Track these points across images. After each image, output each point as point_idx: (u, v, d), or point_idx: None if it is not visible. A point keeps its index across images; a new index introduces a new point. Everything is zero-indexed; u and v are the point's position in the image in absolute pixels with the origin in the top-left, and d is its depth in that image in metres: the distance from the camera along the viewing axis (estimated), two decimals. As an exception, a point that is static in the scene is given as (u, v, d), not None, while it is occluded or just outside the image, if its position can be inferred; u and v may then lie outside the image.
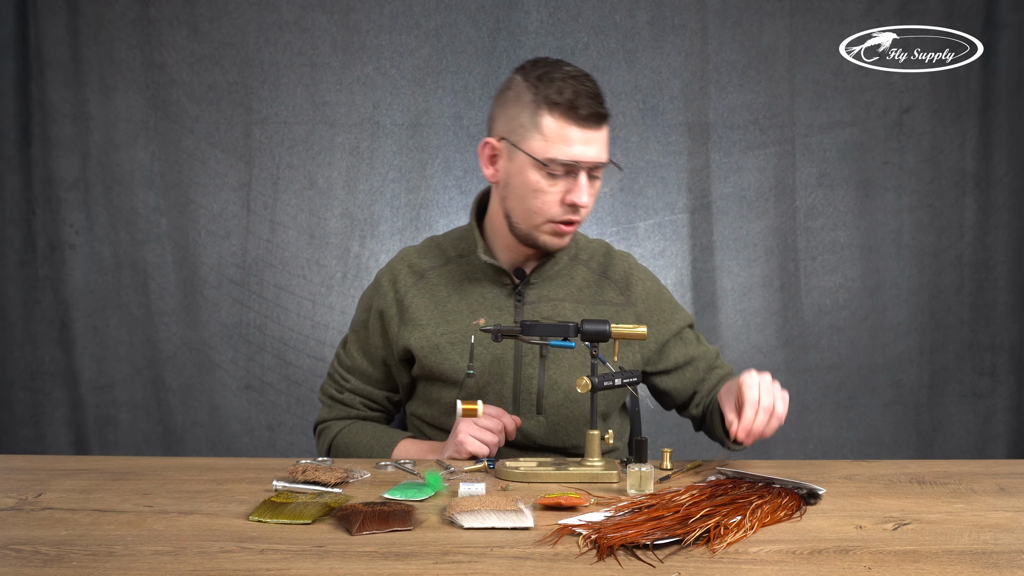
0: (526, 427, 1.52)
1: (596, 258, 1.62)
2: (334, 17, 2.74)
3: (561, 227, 1.45)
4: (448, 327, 1.52)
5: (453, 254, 1.60)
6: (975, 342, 2.77)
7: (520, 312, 1.52)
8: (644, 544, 0.99)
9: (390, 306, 1.57)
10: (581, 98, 1.38)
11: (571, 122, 1.39)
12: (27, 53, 2.68)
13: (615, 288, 1.59)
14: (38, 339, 2.73)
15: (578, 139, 1.39)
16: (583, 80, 1.40)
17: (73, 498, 1.20)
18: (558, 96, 1.38)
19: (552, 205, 1.43)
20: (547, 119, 1.40)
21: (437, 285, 1.57)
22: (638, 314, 1.57)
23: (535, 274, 1.54)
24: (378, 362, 1.60)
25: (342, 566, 0.94)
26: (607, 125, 1.43)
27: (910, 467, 1.44)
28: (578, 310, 1.54)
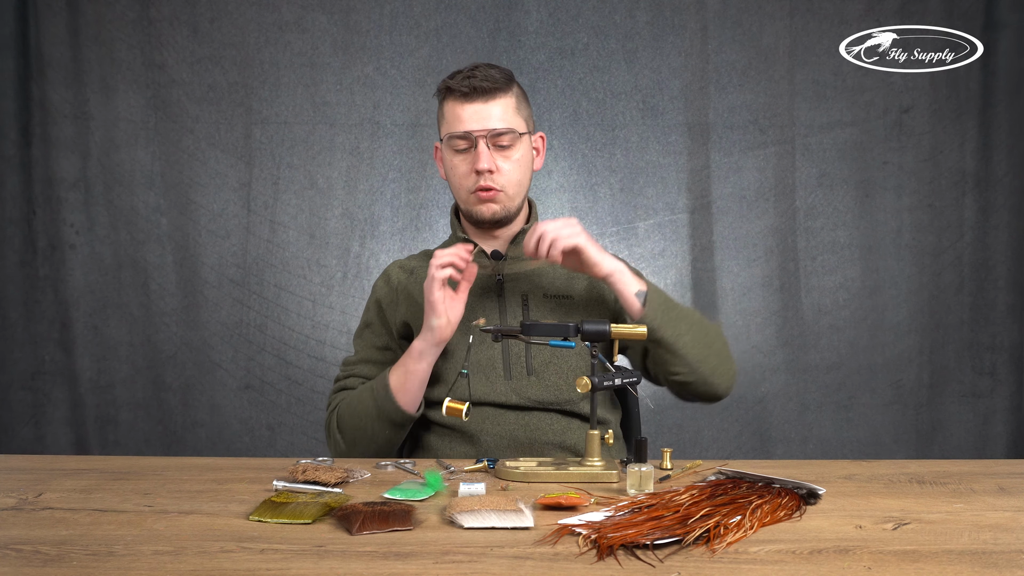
0: (522, 387, 1.57)
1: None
2: (334, 17, 2.74)
3: (480, 194, 1.60)
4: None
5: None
6: (975, 342, 2.77)
7: (502, 287, 1.63)
8: (644, 544, 0.99)
9: (385, 296, 1.69)
10: (465, 79, 1.58)
11: (458, 101, 1.59)
12: (27, 53, 2.68)
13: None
14: (38, 339, 2.73)
15: (467, 114, 1.58)
16: (478, 68, 1.60)
17: (73, 498, 1.20)
18: (449, 83, 1.60)
19: (466, 177, 1.60)
20: (446, 105, 1.62)
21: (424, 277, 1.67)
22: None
23: (511, 250, 1.67)
24: (383, 348, 1.69)
25: (342, 566, 0.94)
26: (499, 99, 1.58)
27: (910, 467, 1.44)
28: (555, 284, 1.65)
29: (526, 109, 1.65)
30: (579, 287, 1.65)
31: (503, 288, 1.64)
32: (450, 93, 1.60)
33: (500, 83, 1.59)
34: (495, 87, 1.58)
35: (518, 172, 1.61)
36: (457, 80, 1.59)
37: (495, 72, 1.60)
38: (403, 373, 1.55)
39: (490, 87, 1.57)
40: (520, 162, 1.61)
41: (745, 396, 2.76)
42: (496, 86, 1.58)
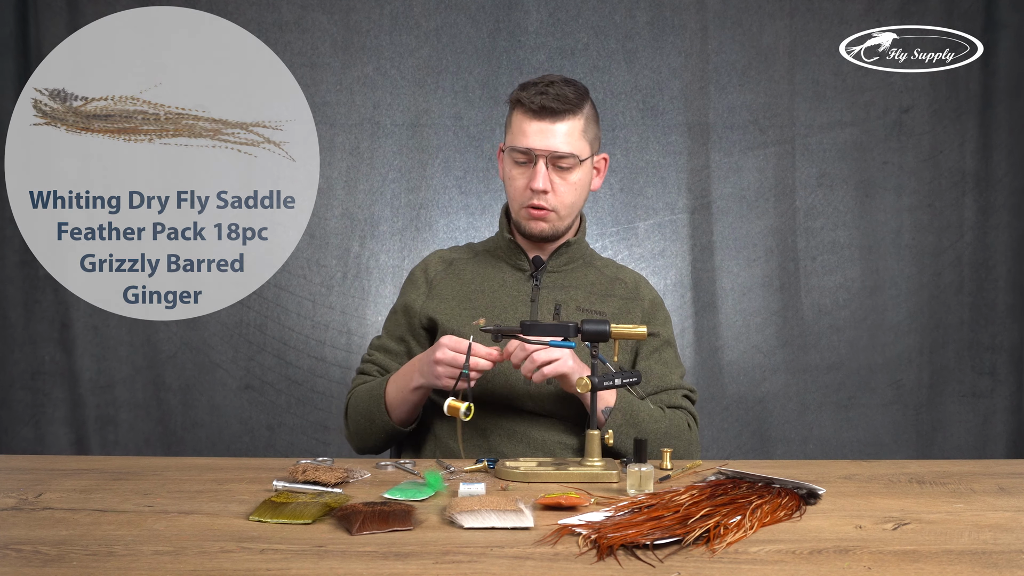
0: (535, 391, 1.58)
1: (609, 267, 1.76)
2: (334, 17, 2.74)
3: (531, 211, 1.61)
4: (470, 303, 1.65)
5: (481, 249, 1.76)
6: (975, 342, 2.77)
7: (536, 293, 1.64)
8: (644, 544, 0.99)
9: (419, 287, 1.72)
10: (536, 96, 1.57)
11: (526, 115, 1.59)
12: (27, 53, 2.68)
13: (624, 287, 1.71)
14: (38, 339, 2.73)
15: (532, 130, 1.58)
16: (553, 84, 1.59)
17: (73, 498, 1.20)
18: (521, 95, 1.59)
19: (520, 191, 1.61)
20: (514, 115, 1.62)
21: (464, 269, 1.71)
22: (644, 310, 1.68)
23: (552, 262, 1.68)
24: (399, 339, 1.71)
25: (342, 566, 0.94)
26: (567, 120, 1.58)
27: (910, 467, 1.44)
28: (590, 299, 1.66)
29: (593, 130, 1.65)
30: (612, 305, 1.66)
31: (538, 294, 1.65)
32: (519, 105, 1.59)
33: (571, 104, 1.58)
34: (565, 108, 1.57)
35: (573, 194, 1.62)
36: (529, 93, 1.58)
37: (569, 91, 1.58)
38: (400, 396, 1.58)
39: (559, 108, 1.57)
40: (577, 184, 1.61)
41: (745, 396, 2.76)
42: (566, 107, 1.57)
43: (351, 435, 1.68)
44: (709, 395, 2.75)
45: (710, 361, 2.76)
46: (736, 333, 2.76)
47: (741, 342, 2.76)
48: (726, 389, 2.76)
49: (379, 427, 1.61)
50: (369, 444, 1.66)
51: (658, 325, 1.69)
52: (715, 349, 2.76)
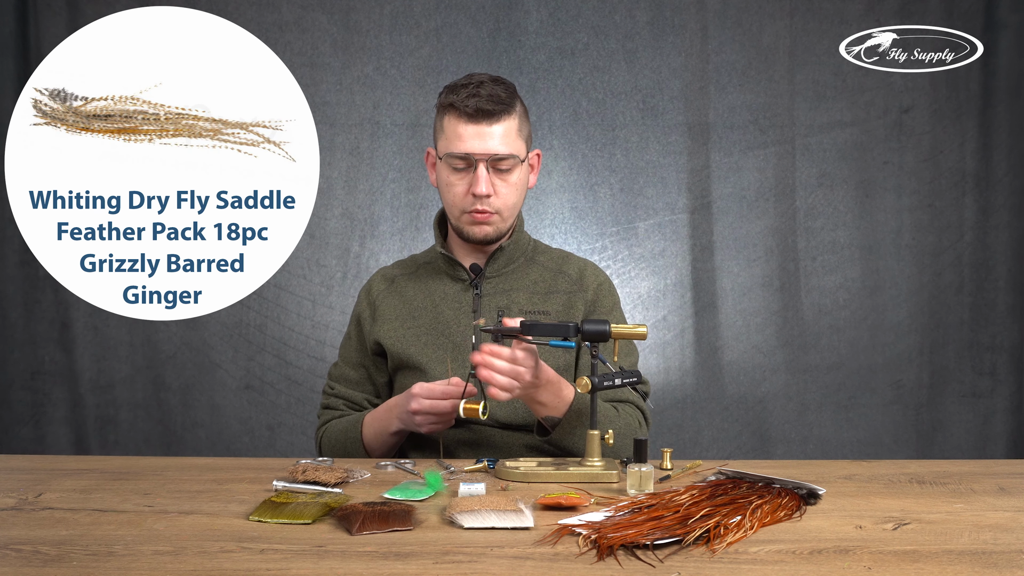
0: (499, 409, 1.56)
1: (553, 260, 1.72)
2: (334, 17, 2.74)
3: (475, 216, 1.58)
4: (414, 321, 1.64)
5: (423, 261, 1.74)
6: (975, 342, 2.77)
7: (478, 303, 1.63)
8: (644, 544, 0.99)
9: (364, 310, 1.70)
10: (470, 98, 1.53)
11: (461, 119, 1.55)
12: (27, 53, 2.68)
13: (567, 280, 1.68)
14: (38, 339, 2.73)
15: (469, 134, 1.54)
16: (483, 85, 1.55)
17: (73, 498, 1.20)
18: (452, 99, 1.55)
19: (460, 197, 1.58)
20: (446, 120, 1.58)
21: (405, 287, 1.70)
22: (587, 299, 1.65)
23: (489, 268, 1.65)
24: (357, 365, 1.71)
25: (342, 566, 0.94)
26: (503, 121, 1.55)
27: (910, 467, 1.44)
28: (532, 299, 1.64)
29: (526, 127, 1.63)
30: (556, 302, 1.64)
31: (480, 302, 1.64)
32: (452, 108, 1.56)
33: (504, 103, 1.55)
34: (499, 109, 1.55)
35: (514, 195, 1.60)
36: (461, 96, 1.55)
37: (500, 91, 1.56)
38: (376, 437, 1.58)
39: (494, 109, 1.54)
40: (517, 185, 1.60)
41: (745, 396, 2.76)
42: (500, 107, 1.55)
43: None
44: (709, 395, 2.75)
45: (710, 361, 2.76)
46: (736, 333, 2.76)
47: (741, 342, 2.76)
48: (726, 389, 2.76)
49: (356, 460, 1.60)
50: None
51: (603, 312, 1.65)
52: (715, 349, 2.76)
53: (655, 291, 2.77)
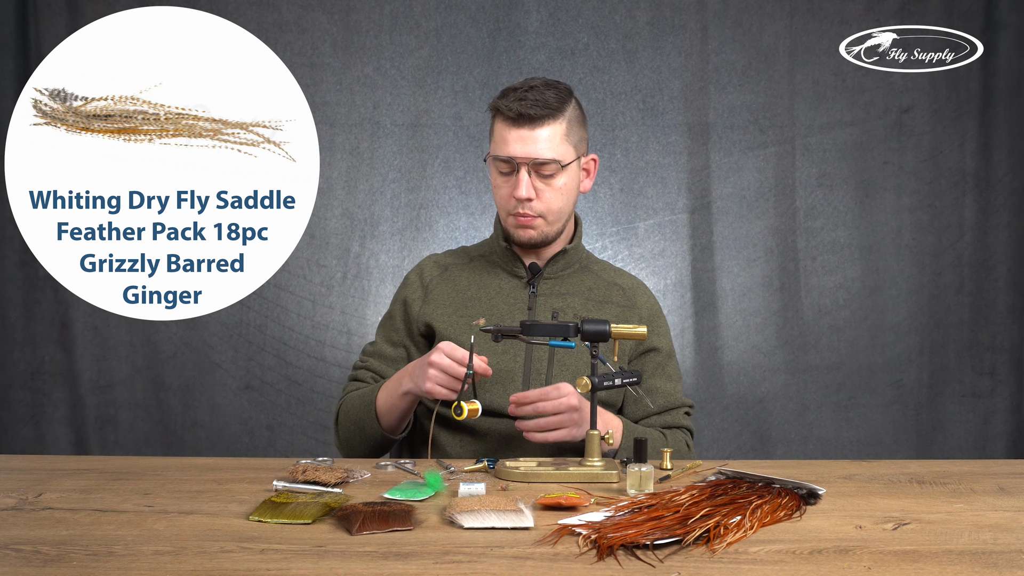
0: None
1: (607, 272, 1.74)
2: (334, 17, 2.74)
3: (518, 219, 1.59)
4: (467, 311, 1.63)
5: (476, 254, 1.74)
6: (975, 342, 2.77)
7: (534, 301, 1.63)
8: (644, 544, 0.99)
9: (415, 290, 1.69)
10: (515, 103, 1.54)
11: (505, 123, 1.56)
12: (27, 53, 2.68)
13: (622, 293, 1.69)
14: (38, 339, 2.73)
15: (512, 138, 1.55)
16: (533, 89, 1.55)
17: (73, 498, 1.20)
18: (501, 102, 1.57)
19: (505, 199, 1.60)
20: (495, 124, 1.59)
21: (459, 277, 1.70)
22: (642, 318, 1.66)
23: (548, 269, 1.66)
24: (398, 344, 1.70)
25: (342, 566, 0.94)
26: (548, 125, 1.55)
27: (910, 467, 1.44)
28: (587, 306, 1.64)
29: (578, 132, 1.61)
30: (610, 312, 1.64)
31: (535, 301, 1.63)
32: (499, 113, 1.57)
33: (551, 108, 1.54)
34: (544, 114, 1.54)
35: (559, 200, 1.59)
36: (508, 100, 1.55)
37: (550, 95, 1.55)
38: (389, 403, 1.56)
39: (538, 114, 1.53)
40: (563, 189, 1.58)
41: (745, 396, 2.76)
42: (545, 112, 1.54)
43: (341, 442, 1.66)
44: (709, 395, 2.75)
45: (710, 361, 2.76)
46: (736, 333, 2.76)
47: (741, 342, 2.76)
48: (726, 389, 2.76)
49: (369, 434, 1.59)
50: (359, 452, 1.63)
51: (659, 337, 1.67)
52: (715, 349, 2.76)
53: (655, 291, 2.76)
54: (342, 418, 1.65)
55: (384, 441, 1.60)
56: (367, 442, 1.60)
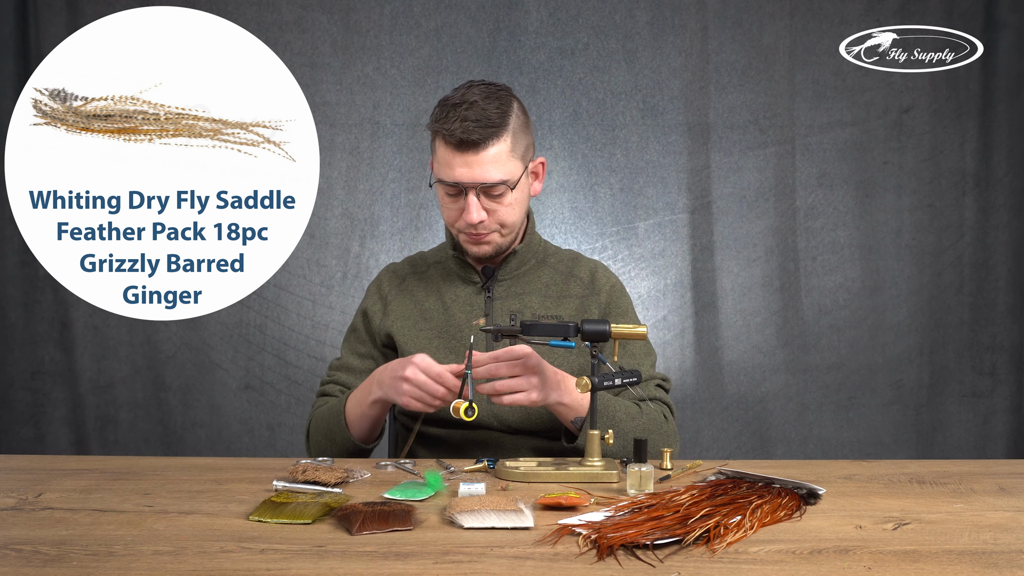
0: (501, 412, 1.56)
1: (564, 262, 1.71)
2: (334, 17, 2.74)
3: (471, 237, 1.57)
4: (426, 323, 1.63)
5: (432, 261, 1.73)
6: (975, 342, 2.77)
7: (490, 307, 1.62)
8: (644, 544, 0.99)
9: (375, 303, 1.69)
10: (457, 124, 1.47)
11: (449, 147, 1.50)
12: (27, 53, 2.68)
13: (579, 283, 1.67)
14: (38, 339, 2.73)
15: (457, 162, 1.50)
16: (471, 107, 1.48)
17: (73, 498, 1.20)
18: (441, 124, 1.49)
19: (455, 219, 1.56)
20: (437, 144, 1.53)
21: (415, 287, 1.69)
22: (601, 303, 1.65)
23: (502, 271, 1.64)
24: (364, 356, 1.68)
25: (342, 566, 0.94)
26: (492, 146, 1.49)
27: (910, 467, 1.44)
28: (545, 304, 1.63)
29: (524, 141, 1.55)
30: (569, 306, 1.63)
31: (492, 306, 1.63)
32: (442, 136, 1.50)
33: (494, 126, 1.48)
34: (487, 135, 1.47)
35: (512, 213, 1.56)
36: (449, 123, 1.47)
37: (492, 110, 1.48)
38: (359, 411, 1.54)
39: (481, 136, 1.47)
40: (514, 204, 1.55)
41: (745, 396, 2.76)
42: (488, 132, 1.47)
43: (312, 451, 1.64)
44: (709, 395, 2.75)
45: (710, 361, 2.76)
46: (736, 333, 2.76)
47: (741, 342, 2.76)
48: (726, 389, 2.76)
49: (340, 445, 1.57)
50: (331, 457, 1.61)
51: (620, 315, 1.64)
52: (715, 349, 2.76)
53: (655, 291, 2.77)
54: (313, 432, 1.63)
55: (357, 451, 1.58)
56: (338, 452, 1.57)
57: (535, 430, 1.57)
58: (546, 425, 1.57)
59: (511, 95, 1.55)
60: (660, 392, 1.61)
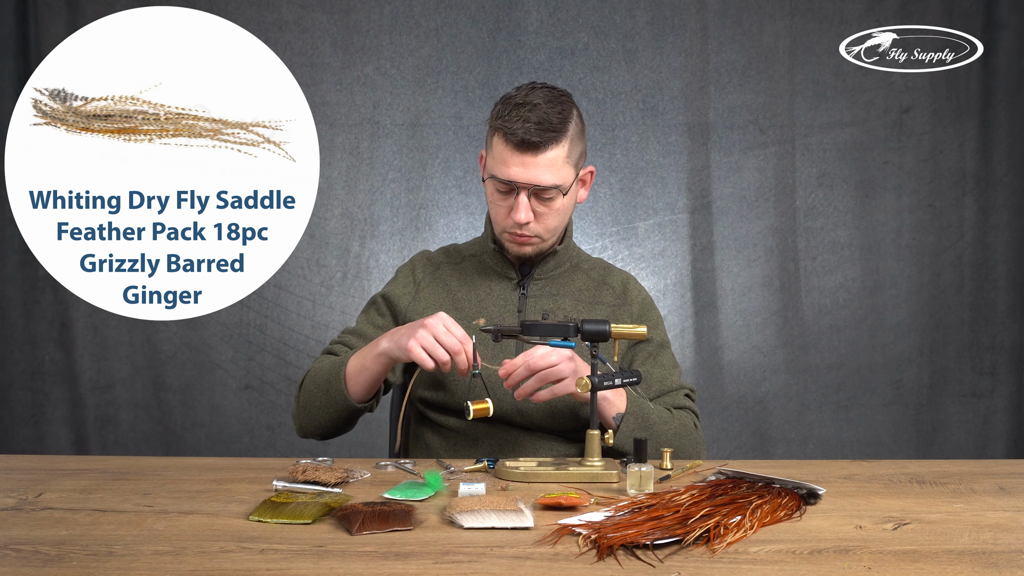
0: (526, 409, 1.55)
1: (596, 269, 1.72)
2: (334, 17, 2.74)
3: (515, 237, 1.57)
4: (457, 313, 1.60)
5: (467, 254, 1.72)
6: (975, 342, 2.77)
7: (524, 303, 1.62)
8: (644, 544, 0.99)
9: (407, 285, 1.67)
10: (519, 124, 1.48)
11: (508, 146, 1.51)
12: (27, 53, 2.68)
13: (612, 292, 1.68)
14: (38, 339, 2.73)
15: (514, 162, 1.51)
16: (535, 108, 1.50)
17: (73, 498, 1.20)
18: (503, 122, 1.51)
19: (503, 217, 1.57)
20: (495, 140, 1.54)
21: (449, 277, 1.68)
22: (633, 314, 1.66)
23: (539, 270, 1.65)
24: (380, 328, 1.65)
25: (342, 566, 0.94)
26: (550, 150, 1.50)
27: (910, 467, 1.44)
28: (577, 307, 1.63)
29: (579, 148, 1.56)
30: (600, 312, 1.63)
31: (525, 303, 1.63)
32: (503, 133, 1.51)
33: (554, 131, 1.49)
34: (547, 139, 1.49)
35: (557, 219, 1.57)
36: (511, 121, 1.49)
37: (553, 115, 1.49)
38: (360, 363, 1.51)
39: (542, 140, 1.48)
40: (561, 209, 1.56)
41: (745, 396, 2.76)
42: (549, 137, 1.49)
43: (299, 410, 1.59)
44: (709, 395, 2.75)
45: (710, 361, 2.76)
46: (736, 333, 2.76)
47: (741, 342, 2.76)
48: (726, 389, 2.76)
49: (332, 398, 1.52)
50: (314, 421, 1.56)
51: (651, 328, 1.64)
52: (715, 349, 2.76)
53: (655, 291, 2.77)
54: (307, 383, 1.58)
55: (346, 411, 1.53)
56: (328, 408, 1.53)
57: (558, 429, 1.57)
58: (569, 424, 1.56)
59: (571, 101, 1.57)
60: (688, 401, 1.63)
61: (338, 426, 1.58)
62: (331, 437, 1.61)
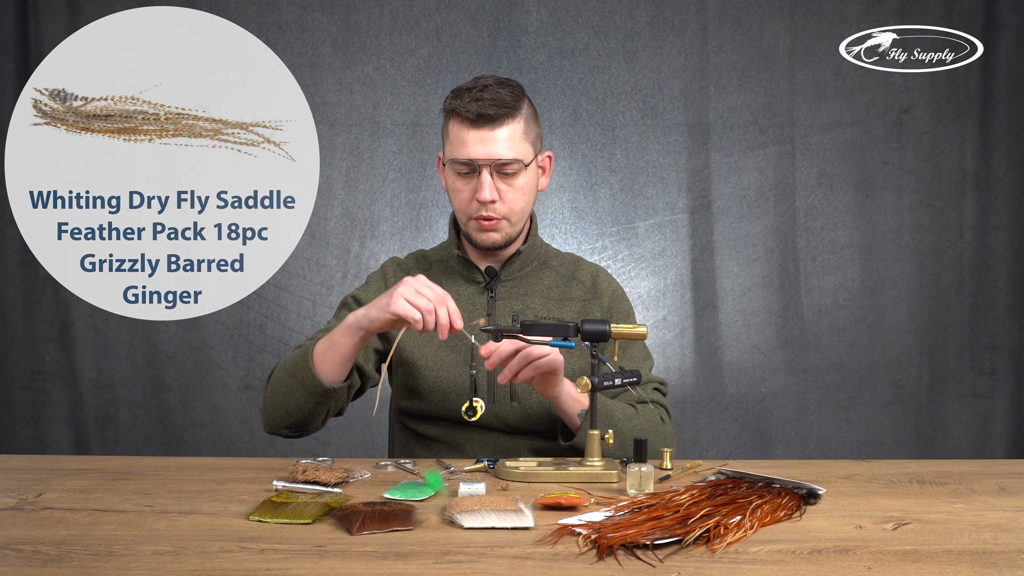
0: (502, 412, 1.57)
1: (565, 265, 1.72)
2: (334, 17, 2.74)
3: (481, 223, 1.57)
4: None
5: (434, 259, 1.72)
6: (975, 342, 2.77)
7: (492, 307, 1.62)
8: (644, 544, 0.99)
9: (379, 290, 1.63)
10: (472, 103, 1.51)
11: (463, 125, 1.53)
12: (27, 53, 2.68)
13: (581, 287, 1.68)
14: (38, 339, 2.73)
15: (472, 139, 1.52)
16: (487, 88, 1.52)
17: (73, 498, 1.20)
18: (457, 103, 1.53)
19: (466, 203, 1.57)
20: (450, 125, 1.56)
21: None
22: (603, 307, 1.66)
23: (505, 272, 1.64)
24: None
25: (342, 566, 0.94)
26: (507, 125, 1.53)
27: (910, 467, 1.44)
28: (547, 305, 1.63)
29: (535, 129, 1.59)
30: (571, 309, 1.64)
31: (494, 306, 1.63)
32: (455, 114, 1.53)
33: (508, 107, 1.52)
34: (502, 113, 1.51)
35: (521, 199, 1.57)
36: (464, 101, 1.51)
37: (505, 94, 1.53)
38: (328, 341, 1.47)
39: (497, 113, 1.51)
40: (524, 189, 1.57)
41: (745, 396, 2.76)
42: (504, 111, 1.51)
43: (265, 402, 1.53)
44: (709, 395, 2.75)
45: (710, 361, 2.76)
46: (736, 333, 2.76)
47: (741, 342, 2.76)
48: (726, 389, 2.76)
49: (299, 380, 1.46)
50: (282, 409, 1.50)
51: (620, 320, 1.65)
52: (715, 349, 2.76)
53: (655, 291, 2.77)
54: (275, 372, 1.54)
55: (314, 394, 1.46)
56: (295, 392, 1.48)
57: (535, 430, 1.58)
58: (545, 425, 1.57)
59: (523, 88, 1.59)
60: (657, 395, 1.63)
61: (305, 414, 1.50)
62: (299, 432, 1.54)
